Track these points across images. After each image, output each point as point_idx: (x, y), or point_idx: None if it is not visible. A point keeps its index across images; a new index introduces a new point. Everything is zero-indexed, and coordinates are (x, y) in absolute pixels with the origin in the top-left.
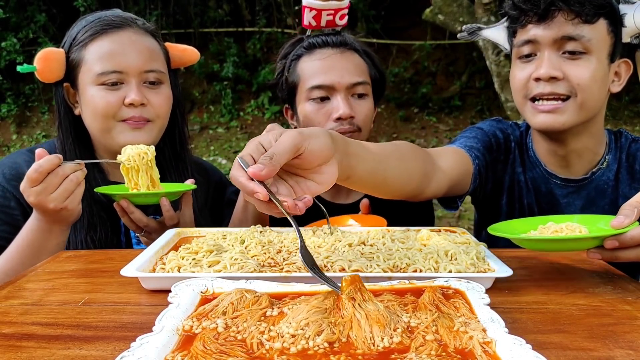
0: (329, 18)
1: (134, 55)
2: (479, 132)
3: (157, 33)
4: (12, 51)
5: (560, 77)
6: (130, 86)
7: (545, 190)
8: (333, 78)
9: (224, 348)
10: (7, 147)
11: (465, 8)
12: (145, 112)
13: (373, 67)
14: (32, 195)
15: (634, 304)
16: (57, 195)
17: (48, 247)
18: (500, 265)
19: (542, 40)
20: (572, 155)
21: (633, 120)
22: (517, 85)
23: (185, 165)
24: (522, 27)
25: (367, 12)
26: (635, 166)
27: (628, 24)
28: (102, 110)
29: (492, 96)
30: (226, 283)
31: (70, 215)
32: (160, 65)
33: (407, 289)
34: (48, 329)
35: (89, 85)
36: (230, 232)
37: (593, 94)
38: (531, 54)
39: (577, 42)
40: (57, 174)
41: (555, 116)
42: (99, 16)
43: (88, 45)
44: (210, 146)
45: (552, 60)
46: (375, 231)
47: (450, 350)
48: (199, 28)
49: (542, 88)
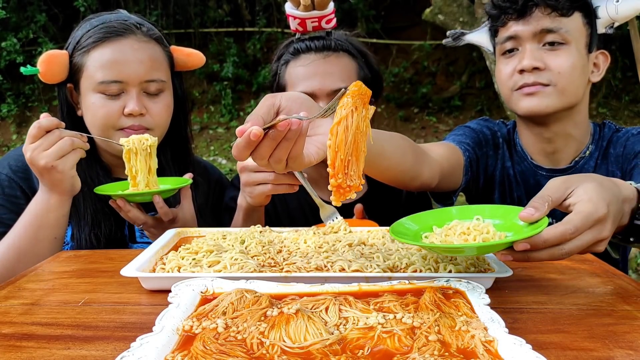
0: (314, 24)
1: (135, 65)
2: (467, 130)
3: (161, 38)
4: (12, 51)
5: (542, 67)
6: (130, 95)
7: (533, 183)
8: (314, 85)
9: (224, 348)
10: (7, 147)
11: (465, 8)
12: (144, 122)
13: (364, 68)
14: (29, 151)
15: (634, 304)
16: (49, 153)
17: (49, 220)
18: (500, 265)
19: (523, 35)
20: (558, 141)
21: (633, 120)
22: (503, 79)
23: (187, 167)
24: (502, 25)
25: (367, 12)
26: (609, 149)
27: (602, 15)
28: (101, 120)
29: (492, 96)
30: (226, 283)
31: (61, 180)
32: (161, 74)
33: (407, 289)
34: (48, 329)
35: (90, 91)
36: (230, 232)
37: (573, 81)
38: (513, 48)
39: (556, 34)
40: (54, 133)
41: (538, 99)
42: (103, 20)
43: (90, 51)
44: (210, 146)
45: (533, 53)
46: (375, 231)
47: (453, 349)
48: (199, 28)
49: (527, 79)
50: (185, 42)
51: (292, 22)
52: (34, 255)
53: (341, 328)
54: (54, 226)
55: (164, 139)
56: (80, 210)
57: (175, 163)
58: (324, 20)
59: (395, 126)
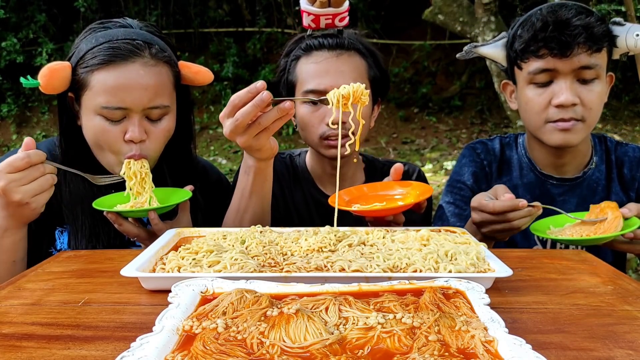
0: (327, 21)
1: (139, 92)
2: (460, 188)
3: (170, 59)
4: (12, 51)
5: (578, 103)
6: (132, 121)
7: (539, 193)
8: (326, 83)
9: (224, 348)
10: (7, 147)
11: (465, 8)
12: (144, 149)
13: (374, 67)
14: (4, 180)
15: (634, 304)
16: (28, 189)
17: (4, 245)
18: (500, 265)
19: (562, 70)
20: (568, 156)
21: (633, 120)
22: (535, 109)
23: (188, 178)
24: (538, 56)
25: (367, 12)
26: (624, 170)
27: (620, 44)
28: (102, 143)
29: (492, 96)
30: (226, 283)
31: (29, 215)
32: (165, 99)
33: (407, 289)
34: (48, 329)
35: (92, 112)
36: (231, 232)
37: (598, 113)
38: (547, 81)
39: (592, 71)
40: (39, 169)
41: (571, 135)
42: (109, 37)
43: (94, 72)
44: (210, 146)
45: (572, 89)
46: (375, 231)
47: (453, 350)
48: (199, 28)
49: (564, 114)
50: (185, 42)
51: (305, 18)
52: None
53: (341, 328)
54: (10, 250)
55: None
56: (77, 223)
57: (176, 174)
58: (337, 17)
59: (395, 126)
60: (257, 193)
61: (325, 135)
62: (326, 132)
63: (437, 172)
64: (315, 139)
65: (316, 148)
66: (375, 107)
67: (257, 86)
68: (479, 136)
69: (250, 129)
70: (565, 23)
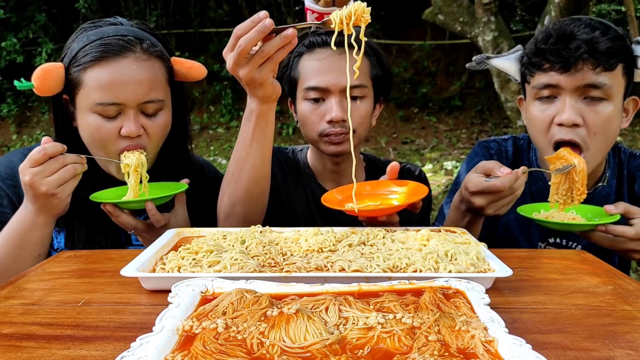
0: None
1: (133, 86)
2: None
3: (162, 53)
4: (12, 51)
5: (580, 123)
6: (128, 116)
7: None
8: (328, 80)
9: (224, 348)
10: (7, 147)
11: (465, 8)
12: (141, 141)
13: (377, 66)
14: (29, 174)
15: (634, 304)
16: (52, 180)
17: (32, 238)
18: (500, 265)
19: (566, 86)
20: None
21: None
22: (539, 127)
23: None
24: (542, 70)
25: None
26: (634, 186)
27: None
28: (97, 141)
29: (492, 96)
30: (226, 283)
31: (57, 206)
32: (160, 93)
33: (407, 289)
34: (48, 329)
35: (87, 110)
36: (231, 232)
37: (606, 139)
38: (551, 96)
39: (600, 90)
40: (58, 160)
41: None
42: (100, 35)
43: (87, 70)
44: (210, 146)
45: (574, 107)
46: (375, 231)
47: (453, 350)
48: (199, 28)
49: (564, 134)
50: (185, 42)
51: (309, 16)
52: (17, 271)
53: (341, 328)
54: (38, 244)
55: (163, 147)
56: (74, 226)
57: (172, 170)
58: None
59: (395, 126)
60: (258, 139)
61: (324, 132)
62: (326, 130)
63: (437, 172)
64: (315, 136)
65: (316, 145)
66: (377, 106)
67: (259, 15)
68: (479, 136)
69: (254, 59)
70: (569, 36)
